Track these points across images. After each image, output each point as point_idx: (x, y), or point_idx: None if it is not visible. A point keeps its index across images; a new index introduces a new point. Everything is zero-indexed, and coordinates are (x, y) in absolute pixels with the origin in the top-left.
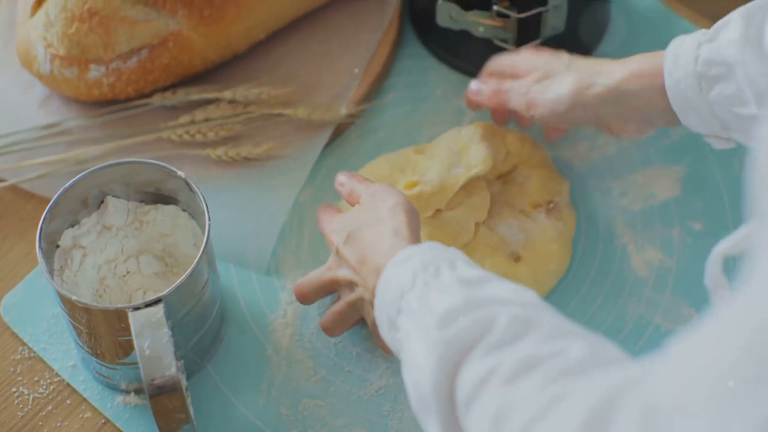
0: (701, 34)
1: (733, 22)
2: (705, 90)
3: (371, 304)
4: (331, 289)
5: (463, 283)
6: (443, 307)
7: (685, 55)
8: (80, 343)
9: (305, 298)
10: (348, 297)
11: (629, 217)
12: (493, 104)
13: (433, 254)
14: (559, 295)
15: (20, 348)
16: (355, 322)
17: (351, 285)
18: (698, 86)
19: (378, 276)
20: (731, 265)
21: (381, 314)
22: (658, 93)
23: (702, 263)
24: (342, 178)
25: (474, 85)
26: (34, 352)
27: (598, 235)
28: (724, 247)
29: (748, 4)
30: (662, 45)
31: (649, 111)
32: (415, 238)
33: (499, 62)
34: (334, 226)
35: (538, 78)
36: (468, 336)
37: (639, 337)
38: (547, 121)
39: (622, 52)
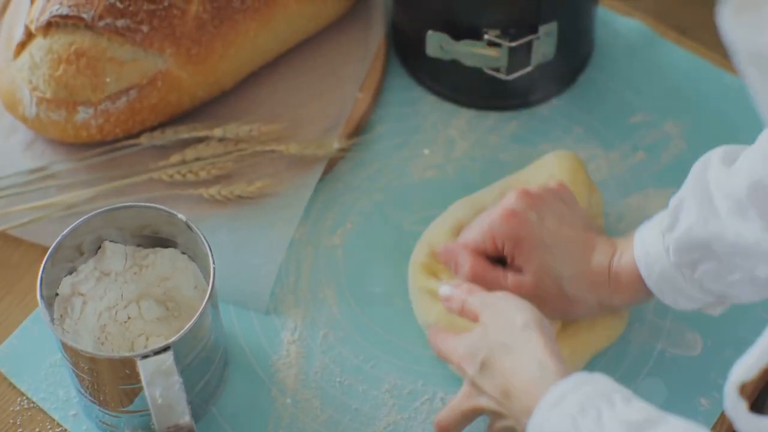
0: (658, 223)
1: (684, 202)
2: (688, 275)
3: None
4: (475, 417)
5: (629, 429)
6: None
7: (655, 254)
8: (83, 392)
9: (449, 431)
10: (497, 425)
11: None
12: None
13: (586, 391)
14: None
15: (19, 399)
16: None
17: (498, 414)
18: (680, 274)
19: (528, 415)
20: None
21: None
22: (646, 294)
23: None
24: (447, 291)
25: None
26: (34, 403)
27: None
28: (737, 374)
29: (691, 173)
30: (647, 66)
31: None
32: (557, 362)
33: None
34: (460, 351)
35: (528, 289)
36: None
37: (645, 363)
38: None
39: (610, 74)
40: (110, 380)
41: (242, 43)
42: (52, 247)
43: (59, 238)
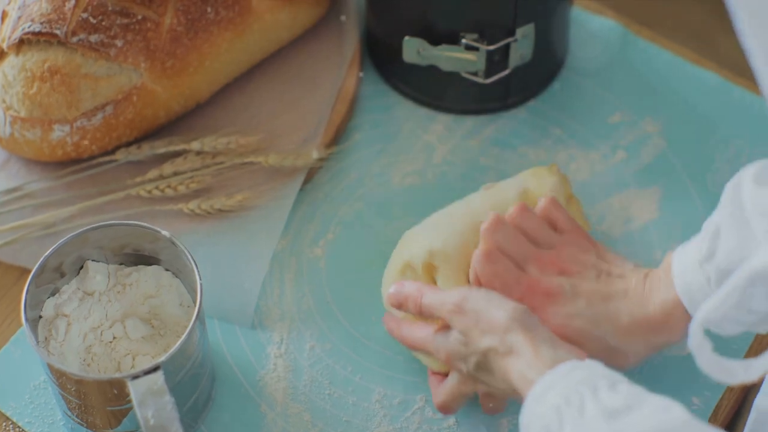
0: (694, 251)
1: (722, 230)
2: (743, 303)
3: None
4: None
5: (610, 417)
6: None
7: (696, 282)
8: (70, 414)
9: (451, 410)
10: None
11: (610, 244)
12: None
13: (572, 381)
14: None
15: (3, 423)
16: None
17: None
18: (733, 304)
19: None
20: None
21: None
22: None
23: None
24: (395, 290)
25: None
26: (20, 427)
27: None
28: (703, 312)
29: (724, 195)
30: (623, 65)
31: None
32: (544, 356)
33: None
34: (444, 354)
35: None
36: None
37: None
38: None
39: (586, 74)
40: (98, 402)
41: (217, 55)
42: (35, 268)
43: (42, 259)
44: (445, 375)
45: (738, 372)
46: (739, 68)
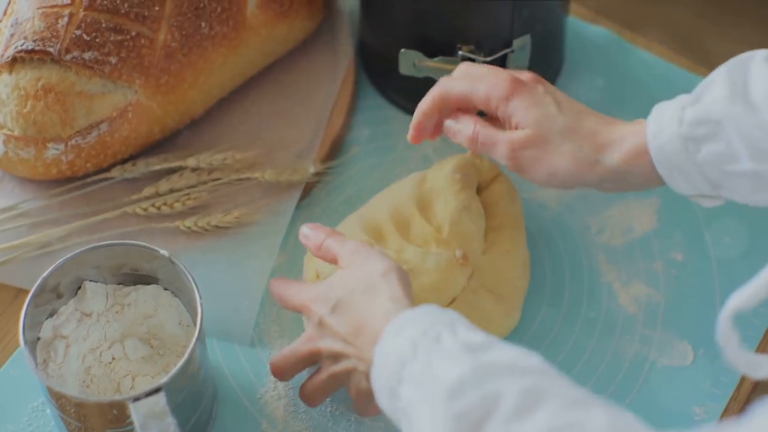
0: (683, 98)
1: (715, 81)
2: (692, 152)
3: (365, 374)
4: (311, 362)
5: (467, 350)
6: (450, 378)
7: (668, 120)
8: None
9: (283, 374)
10: (332, 369)
11: (611, 254)
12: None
13: (431, 319)
14: (553, 339)
15: None
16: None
17: (336, 356)
18: (684, 148)
19: (375, 347)
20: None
21: (380, 384)
22: (655, 169)
23: (688, 294)
24: (306, 231)
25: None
26: None
27: (582, 275)
28: (737, 301)
29: (728, 62)
30: (618, 73)
31: (645, 184)
32: (411, 301)
33: (450, 90)
34: (310, 294)
35: (527, 141)
36: (480, 409)
37: (638, 375)
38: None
39: (581, 83)
40: (98, 424)
41: (212, 70)
42: (33, 289)
43: (40, 280)
44: None
45: (765, 366)
46: None
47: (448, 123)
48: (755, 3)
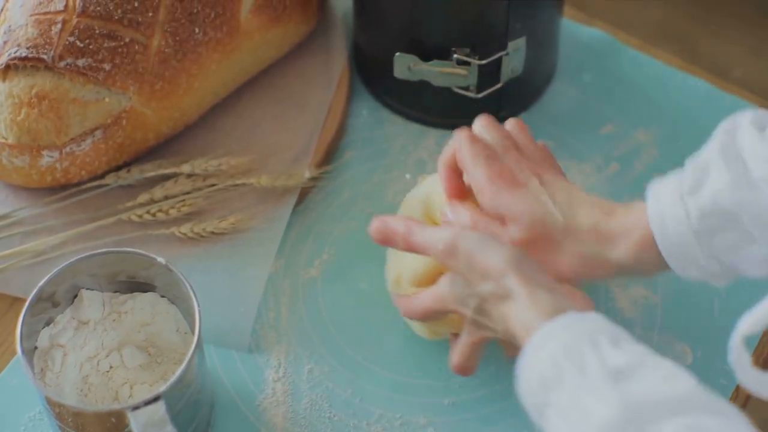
0: (677, 184)
1: (711, 165)
2: (705, 243)
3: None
4: (485, 345)
5: (613, 379)
6: (599, 422)
7: (672, 212)
8: None
9: (472, 368)
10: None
11: None
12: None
13: (571, 333)
14: None
15: None
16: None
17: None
18: (696, 242)
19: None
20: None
21: (527, 397)
22: (650, 257)
23: (685, 295)
24: (376, 224)
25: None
26: None
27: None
28: (746, 325)
29: (716, 137)
30: (613, 75)
31: (654, 272)
32: (542, 302)
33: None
34: (451, 298)
35: (528, 245)
36: None
37: None
38: None
39: (576, 85)
40: None
41: (206, 76)
42: (30, 298)
43: (37, 289)
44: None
45: None
46: (724, 73)
47: (444, 212)
48: (742, 4)
